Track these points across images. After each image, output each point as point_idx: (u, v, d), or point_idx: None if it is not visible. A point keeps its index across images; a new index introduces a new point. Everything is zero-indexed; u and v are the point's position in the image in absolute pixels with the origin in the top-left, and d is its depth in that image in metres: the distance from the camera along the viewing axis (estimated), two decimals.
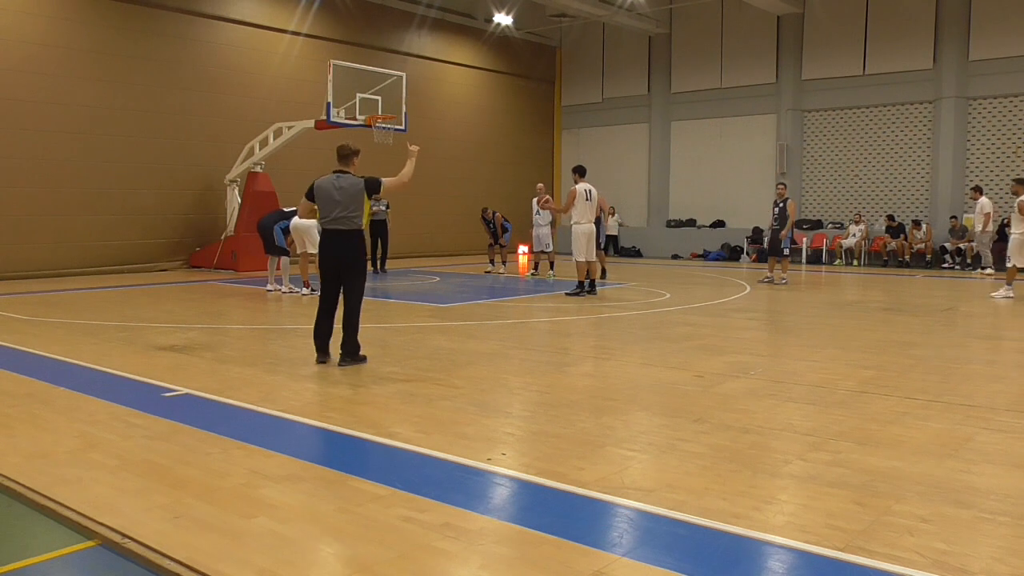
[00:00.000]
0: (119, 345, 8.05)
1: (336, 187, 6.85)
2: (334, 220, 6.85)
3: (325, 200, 6.87)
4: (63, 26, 15.87)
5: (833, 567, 3.09)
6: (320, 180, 6.93)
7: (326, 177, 6.93)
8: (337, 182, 6.88)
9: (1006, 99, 19.42)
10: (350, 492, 3.89)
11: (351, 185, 6.89)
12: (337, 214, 6.83)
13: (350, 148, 7.07)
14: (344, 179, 6.90)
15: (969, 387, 6.26)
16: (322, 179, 6.92)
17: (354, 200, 6.88)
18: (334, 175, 6.94)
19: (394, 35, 21.88)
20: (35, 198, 15.53)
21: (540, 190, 15.74)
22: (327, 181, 6.90)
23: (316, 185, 6.93)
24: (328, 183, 6.88)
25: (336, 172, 6.97)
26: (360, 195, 6.91)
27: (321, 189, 6.89)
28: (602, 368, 7.13)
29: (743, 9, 22.01)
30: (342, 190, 6.84)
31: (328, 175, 6.93)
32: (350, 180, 6.90)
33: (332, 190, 6.85)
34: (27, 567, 3.14)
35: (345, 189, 6.85)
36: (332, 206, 6.84)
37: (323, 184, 6.90)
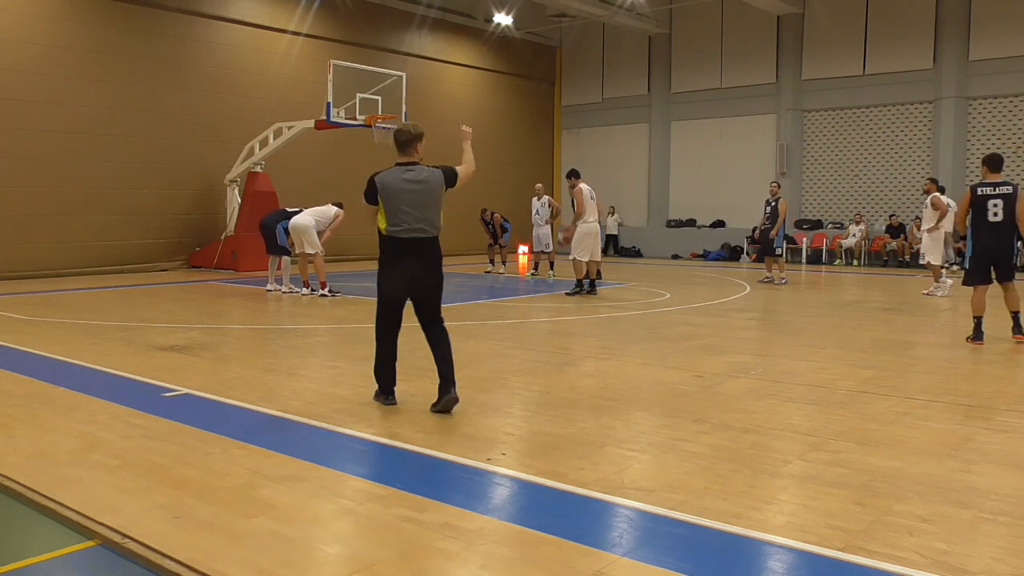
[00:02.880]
0: (119, 345, 8.05)
1: (409, 183, 5.33)
2: (411, 227, 5.32)
3: (397, 201, 5.30)
4: (63, 26, 15.87)
5: (833, 567, 3.09)
6: (383, 176, 5.37)
7: (390, 172, 5.39)
8: (409, 176, 5.35)
9: (1006, 99, 19.42)
10: (350, 492, 3.89)
11: (429, 179, 5.40)
12: (418, 217, 5.32)
13: (411, 131, 5.45)
14: (417, 172, 5.38)
15: (969, 387, 6.26)
16: (385, 174, 5.38)
17: (434, 197, 5.42)
18: (400, 168, 5.40)
19: (394, 35, 21.88)
20: (35, 198, 15.53)
21: (539, 190, 15.75)
22: (394, 177, 5.35)
23: (381, 183, 5.34)
24: (396, 179, 5.34)
25: (401, 164, 5.40)
26: (441, 190, 5.47)
27: (389, 188, 5.32)
28: (602, 368, 7.12)
29: (743, 9, 22.00)
30: (418, 186, 5.35)
31: (390, 169, 5.42)
32: (425, 173, 5.40)
33: (405, 187, 5.32)
34: (27, 567, 3.14)
35: (422, 184, 5.37)
36: (406, 208, 5.31)
37: (390, 181, 5.33)
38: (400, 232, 5.33)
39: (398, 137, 5.46)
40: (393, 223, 5.34)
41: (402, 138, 5.44)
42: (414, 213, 5.32)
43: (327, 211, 12.40)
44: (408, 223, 5.32)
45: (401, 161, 5.42)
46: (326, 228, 12.31)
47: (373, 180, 5.42)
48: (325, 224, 12.29)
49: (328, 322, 9.81)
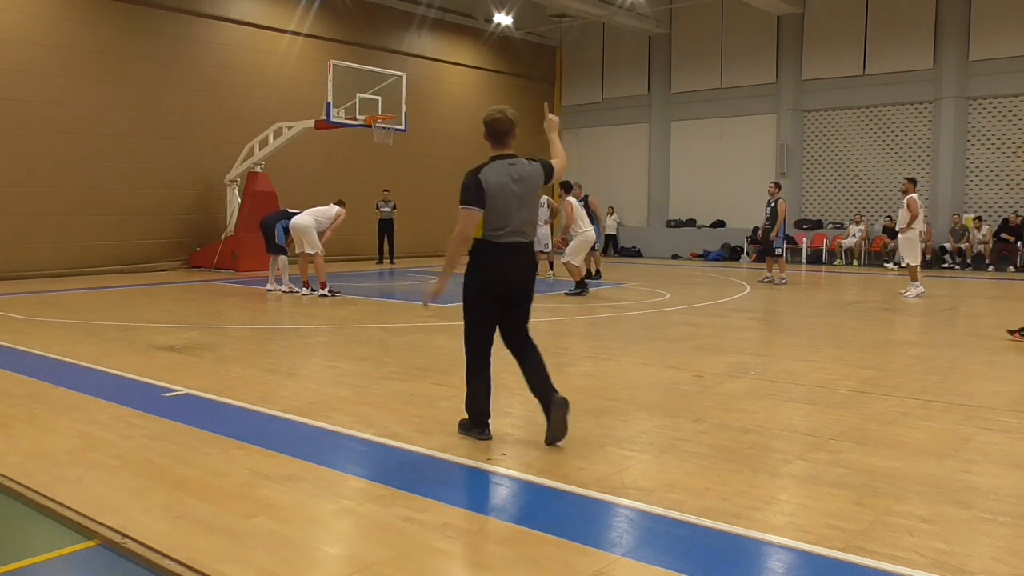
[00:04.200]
0: (119, 345, 8.05)
1: (515, 180, 4.55)
2: (514, 230, 4.57)
3: (504, 202, 4.50)
4: (64, 26, 15.87)
5: (833, 567, 3.09)
6: (487, 173, 4.49)
7: (492, 168, 4.53)
8: (513, 172, 4.56)
9: (1006, 99, 19.42)
10: (350, 492, 3.89)
11: (532, 174, 4.65)
12: (520, 219, 4.58)
13: (510, 118, 4.59)
14: (519, 166, 4.60)
15: (969, 387, 6.25)
16: (489, 171, 4.51)
17: (535, 196, 4.72)
18: (501, 163, 4.56)
19: (394, 35, 21.88)
20: (35, 198, 15.53)
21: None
22: (499, 173, 4.51)
23: (487, 182, 4.46)
24: (502, 177, 4.51)
25: (500, 158, 4.59)
26: (539, 187, 4.74)
27: (496, 187, 4.48)
28: (602, 368, 7.12)
29: (743, 9, 22.00)
30: (522, 183, 4.58)
31: (490, 165, 4.55)
32: (526, 167, 4.64)
33: (511, 186, 4.52)
34: (27, 567, 3.14)
35: (525, 181, 4.60)
36: (512, 210, 4.54)
37: (496, 178, 4.49)
38: (500, 236, 4.53)
39: (496, 126, 4.58)
40: (494, 226, 4.50)
41: (501, 127, 4.57)
42: (517, 214, 4.56)
43: (328, 211, 12.40)
44: (511, 226, 4.55)
45: (499, 154, 4.60)
46: (327, 228, 12.31)
47: (478, 179, 4.46)
48: (326, 224, 12.29)
49: (328, 322, 9.81)
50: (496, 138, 4.60)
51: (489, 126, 4.58)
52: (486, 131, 4.61)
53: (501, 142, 4.60)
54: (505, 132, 4.58)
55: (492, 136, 4.60)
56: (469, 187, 4.47)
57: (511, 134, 4.61)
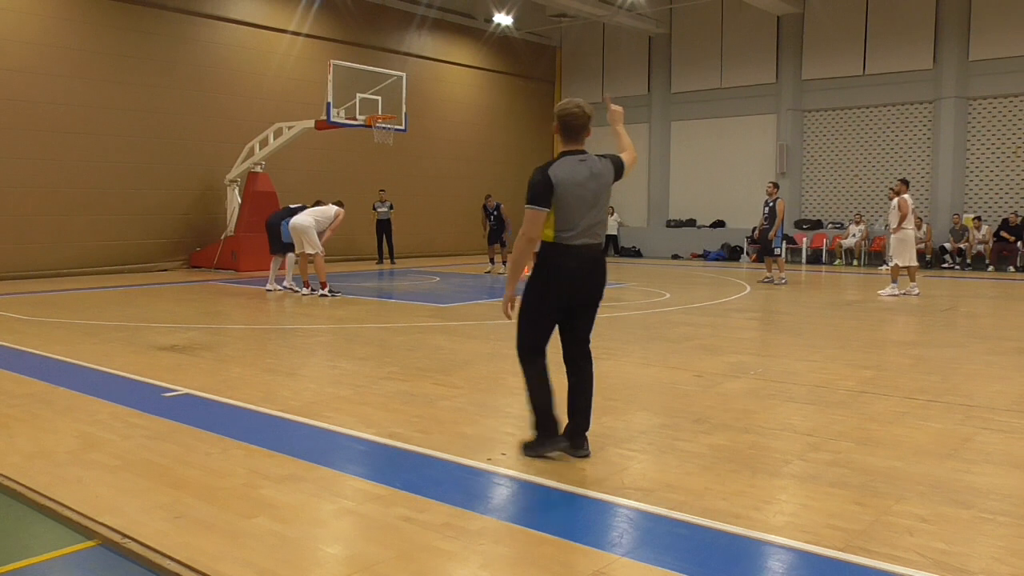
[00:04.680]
0: (119, 345, 8.05)
1: (587, 177, 4.23)
2: (585, 231, 4.25)
3: (575, 201, 4.19)
4: (63, 26, 15.88)
5: (833, 567, 3.09)
6: (558, 170, 4.17)
7: (562, 164, 4.21)
8: (584, 169, 4.24)
9: (1006, 99, 19.43)
10: (350, 492, 3.89)
11: (604, 171, 4.33)
12: (591, 219, 4.26)
13: (586, 111, 4.30)
14: (591, 162, 4.28)
15: (969, 387, 6.25)
16: (559, 168, 4.18)
17: (607, 194, 4.39)
18: (572, 158, 4.25)
19: (394, 35, 21.88)
20: (35, 198, 15.54)
21: None
22: (570, 170, 4.20)
23: (557, 179, 4.14)
24: (573, 173, 4.19)
25: (571, 153, 4.27)
26: (611, 185, 4.41)
27: (567, 185, 4.16)
28: (602, 368, 7.10)
29: (743, 9, 22.01)
30: (594, 180, 4.26)
31: (560, 161, 4.23)
32: (598, 163, 4.31)
33: (585, 184, 4.22)
34: (27, 567, 3.14)
35: (597, 179, 4.28)
36: (583, 210, 4.22)
37: (567, 175, 4.17)
38: (571, 238, 4.21)
39: (571, 121, 4.26)
40: (565, 227, 4.20)
41: (578, 122, 4.27)
42: (589, 214, 4.25)
43: (327, 211, 12.40)
44: (582, 226, 4.22)
45: (571, 149, 4.29)
46: (326, 228, 12.31)
47: (547, 176, 4.15)
48: (325, 224, 12.29)
49: (328, 322, 9.81)
50: (570, 133, 4.29)
51: (563, 120, 4.27)
52: (558, 125, 4.31)
53: (574, 138, 4.30)
54: (581, 127, 4.29)
55: (565, 131, 4.30)
56: (536, 185, 4.16)
57: (586, 129, 4.32)
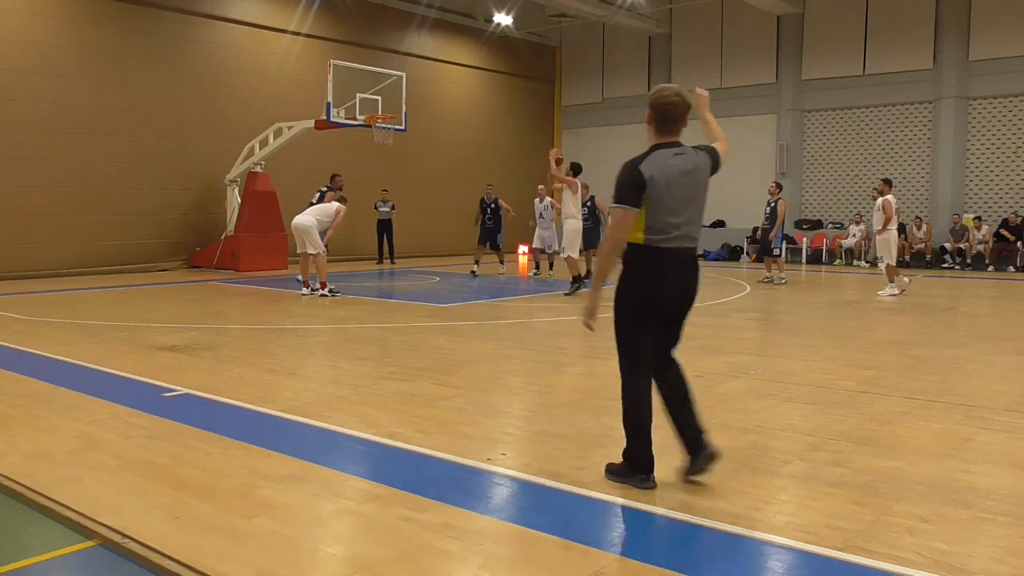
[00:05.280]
0: (119, 345, 8.05)
1: (682, 173, 3.82)
2: (680, 233, 3.83)
3: (669, 199, 3.78)
4: (63, 26, 15.87)
5: (833, 567, 3.09)
6: (650, 165, 3.75)
7: (656, 158, 3.79)
8: (680, 163, 3.83)
9: (1006, 99, 19.42)
10: (350, 492, 3.89)
11: (700, 165, 3.92)
12: (687, 219, 3.85)
13: (687, 101, 3.91)
14: (687, 156, 3.87)
15: (969, 387, 6.26)
16: (652, 162, 3.76)
17: (703, 191, 3.97)
18: (666, 151, 3.83)
19: (394, 35, 21.88)
20: (35, 198, 15.53)
21: (541, 192, 15.75)
22: (664, 164, 3.77)
23: (650, 175, 3.73)
24: (668, 169, 3.78)
25: (665, 146, 3.85)
26: (708, 180, 4.00)
27: (661, 181, 3.74)
28: (602, 368, 7.12)
29: (743, 9, 22.00)
30: (690, 176, 3.85)
31: (653, 155, 3.81)
32: (693, 158, 3.89)
33: (680, 180, 3.81)
34: (27, 567, 3.14)
35: (693, 174, 3.87)
36: (679, 208, 3.81)
37: (661, 171, 3.75)
38: (663, 240, 3.79)
39: (670, 111, 3.82)
40: (656, 229, 3.78)
41: (677, 112, 3.83)
42: (684, 213, 3.82)
43: (328, 208, 12.36)
44: (676, 227, 3.80)
45: (665, 142, 3.85)
46: (329, 227, 12.27)
47: (638, 172, 3.73)
48: (327, 223, 12.25)
49: (328, 322, 9.81)
50: (666, 124, 3.85)
51: (660, 110, 3.82)
52: (653, 115, 3.85)
53: (671, 129, 3.86)
54: (680, 117, 3.85)
55: (661, 121, 3.85)
56: (625, 182, 3.75)
57: (684, 120, 3.88)
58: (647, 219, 3.78)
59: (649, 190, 3.73)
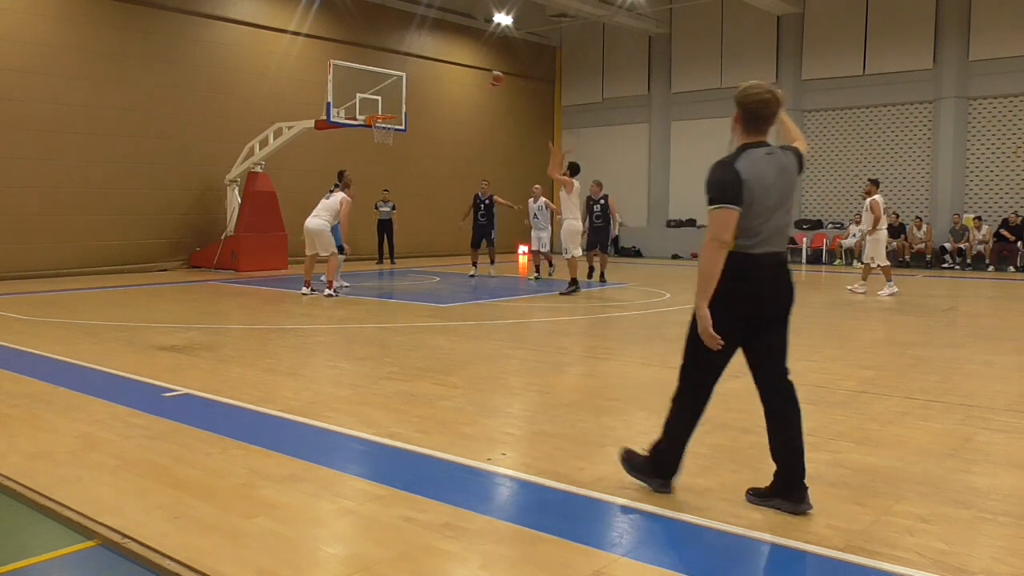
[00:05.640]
0: (119, 345, 8.05)
1: (776, 174, 3.61)
2: (770, 237, 3.62)
3: (762, 202, 3.56)
4: (63, 26, 15.87)
5: (833, 567, 3.09)
6: (745, 165, 3.53)
7: (750, 157, 3.57)
8: (773, 164, 3.61)
9: (1006, 99, 19.42)
10: (350, 492, 3.89)
11: (789, 165, 3.71)
12: (777, 223, 3.63)
13: (779, 98, 3.63)
14: (777, 157, 3.65)
15: (969, 387, 6.26)
16: (748, 162, 3.54)
17: (793, 193, 3.77)
18: (757, 151, 3.60)
19: (394, 35, 21.88)
20: (35, 198, 15.53)
21: (536, 192, 15.75)
22: (758, 165, 3.56)
23: (746, 175, 3.51)
24: (761, 169, 3.56)
25: (755, 146, 3.62)
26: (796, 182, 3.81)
27: (756, 182, 3.53)
28: (602, 368, 7.12)
29: (743, 9, 22.00)
30: (782, 177, 3.64)
31: (746, 154, 3.58)
32: (782, 159, 3.68)
33: (773, 182, 3.59)
34: (27, 567, 3.14)
35: (784, 175, 3.66)
36: (772, 212, 3.60)
37: (755, 171, 3.54)
38: (752, 246, 3.58)
39: (762, 109, 3.60)
40: (747, 234, 3.56)
41: (768, 109, 3.60)
42: (776, 217, 3.61)
43: (334, 204, 12.11)
44: (768, 232, 3.59)
45: (755, 141, 3.63)
46: (339, 222, 12.14)
47: (735, 171, 3.52)
48: (336, 220, 12.13)
49: (328, 322, 9.81)
50: (757, 123, 3.63)
51: (750, 108, 3.60)
52: (743, 113, 3.63)
53: (761, 128, 3.65)
54: (771, 115, 3.64)
55: (752, 120, 3.63)
56: (724, 181, 3.53)
57: (774, 119, 3.68)
58: (746, 221, 3.56)
59: (747, 187, 3.51)
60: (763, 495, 3.70)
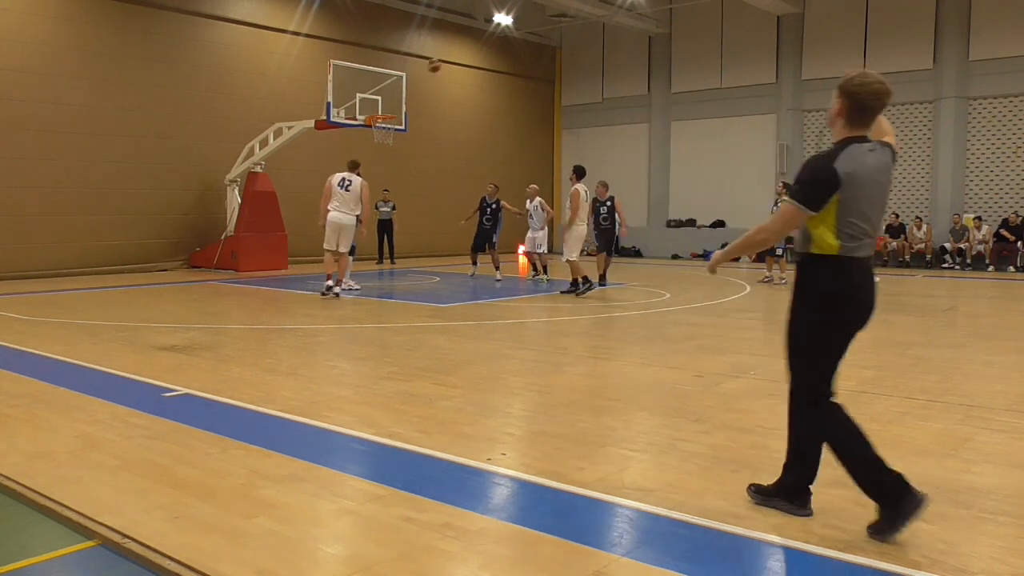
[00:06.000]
0: (119, 345, 8.05)
1: (878, 171, 3.38)
2: (871, 241, 3.43)
3: (868, 202, 3.36)
4: (64, 26, 15.87)
5: (833, 567, 3.09)
6: (848, 161, 3.28)
7: (852, 153, 3.31)
8: (876, 161, 3.38)
9: (1006, 99, 19.43)
10: (350, 492, 3.89)
11: (887, 164, 3.44)
12: (876, 224, 3.42)
13: (888, 87, 3.35)
14: (878, 154, 3.39)
15: (969, 387, 6.26)
16: (848, 158, 3.29)
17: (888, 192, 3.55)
18: (860, 147, 3.35)
19: (394, 35, 21.88)
20: (35, 198, 15.53)
21: (532, 192, 15.73)
22: (862, 161, 3.32)
23: (848, 174, 3.27)
24: (865, 166, 3.33)
25: (858, 140, 3.36)
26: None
27: (861, 181, 3.31)
28: (602, 368, 7.12)
29: (743, 9, 22.01)
30: (883, 174, 3.42)
31: (846, 150, 3.32)
32: (883, 155, 3.42)
33: (877, 180, 3.39)
34: (27, 567, 3.14)
35: (885, 172, 3.43)
36: (876, 212, 3.41)
37: (860, 168, 3.31)
38: (857, 249, 3.35)
39: (872, 100, 3.33)
40: (850, 235, 3.33)
41: (880, 101, 3.35)
42: (874, 218, 3.40)
43: (356, 195, 11.83)
44: (868, 234, 3.38)
45: (858, 136, 3.37)
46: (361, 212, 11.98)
47: (833, 170, 3.27)
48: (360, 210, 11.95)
49: (328, 322, 9.81)
50: (863, 115, 3.36)
51: (861, 99, 3.33)
52: (849, 104, 3.35)
53: (867, 122, 3.38)
54: (881, 109, 3.38)
55: (858, 112, 3.35)
56: (815, 180, 3.32)
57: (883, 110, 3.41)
58: (839, 224, 3.32)
59: (844, 191, 3.27)
60: (766, 492, 3.68)
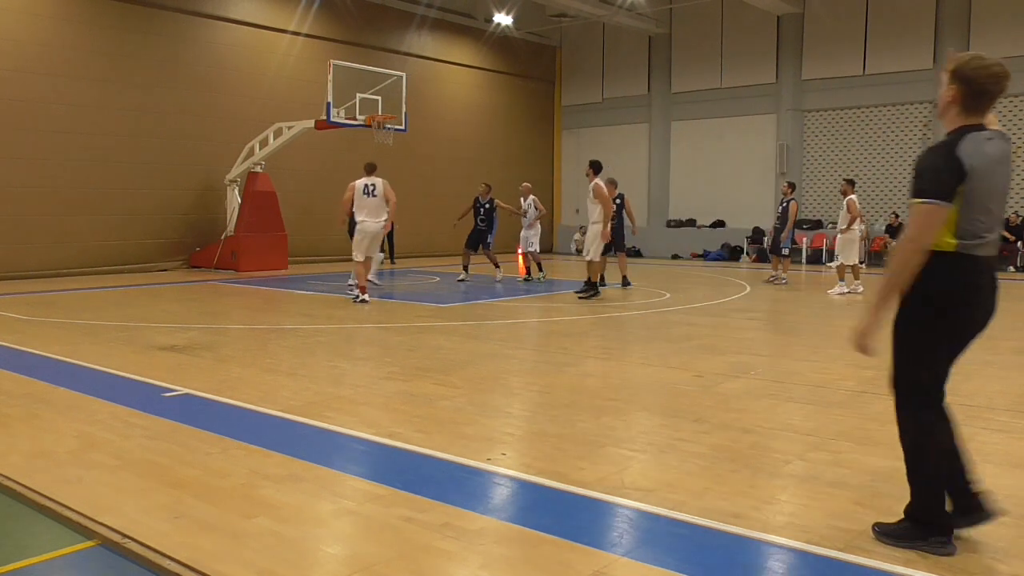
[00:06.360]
0: (119, 345, 8.05)
1: (999, 161, 3.13)
2: (993, 238, 3.19)
3: (991, 194, 3.11)
4: (63, 26, 15.87)
5: (833, 567, 3.09)
6: (967, 149, 3.01)
7: (972, 141, 3.04)
8: (996, 151, 3.12)
9: (1006, 99, 19.41)
10: (350, 492, 3.89)
11: (1008, 154, 3.22)
12: (997, 218, 3.18)
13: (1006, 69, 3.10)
14: (998, 143, 3.15)
15: (969, 387, 6.25)
16: (969, 146, 3.02)
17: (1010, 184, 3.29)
18: (979, 135, 3.09)
19: (394, 35, 21.88)
20: (35, 198, 15.53)
21: (525, 190, 15.72)
22: (983, 150, 3.05)
23: (970, 164, 3.00)
24: (987, 155, 3.07)
25: (975, 128, 3.11)
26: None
27: (983, 171, 3.04)
28: (602, 368, 7.12)
29: (743, 9, 22.01)
30: (1005, 166, 3.19)
31: (972, 137, 3.06)
32: (1003, 144, 3.19)
33: (999, 171, 3.14)
34: (27, 567, 3.14)
35: (1007, 164, 3.20)
36: (994, 205, 3.14)
37: (982, 157, 3.04)
38: (977, 246, 3.11)
39: (991, 85, 3.08)
40: (974, 231, 3.08)
41: (999, 87, 3.09)
42: (996, 212, 3.14)
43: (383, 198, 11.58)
44: (990, 230, 3.14)
45: (974, 124, 3.12)
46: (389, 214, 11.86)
47: (956, 158, 3.00)
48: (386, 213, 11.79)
49: (328, 322, 9.81)
50: (980, 101, 3.10)
51: (979, 83, 3.06)
52: (965, 90, 3.09)
53: (983, 109, 3.13)
54: (999, 94, 3.12)
55: (975, 97, 3.09)
56: (939, 169, 3.03)
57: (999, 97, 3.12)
58: (959, 219, 3.04)
59: (968, 183, 3.00)
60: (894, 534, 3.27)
